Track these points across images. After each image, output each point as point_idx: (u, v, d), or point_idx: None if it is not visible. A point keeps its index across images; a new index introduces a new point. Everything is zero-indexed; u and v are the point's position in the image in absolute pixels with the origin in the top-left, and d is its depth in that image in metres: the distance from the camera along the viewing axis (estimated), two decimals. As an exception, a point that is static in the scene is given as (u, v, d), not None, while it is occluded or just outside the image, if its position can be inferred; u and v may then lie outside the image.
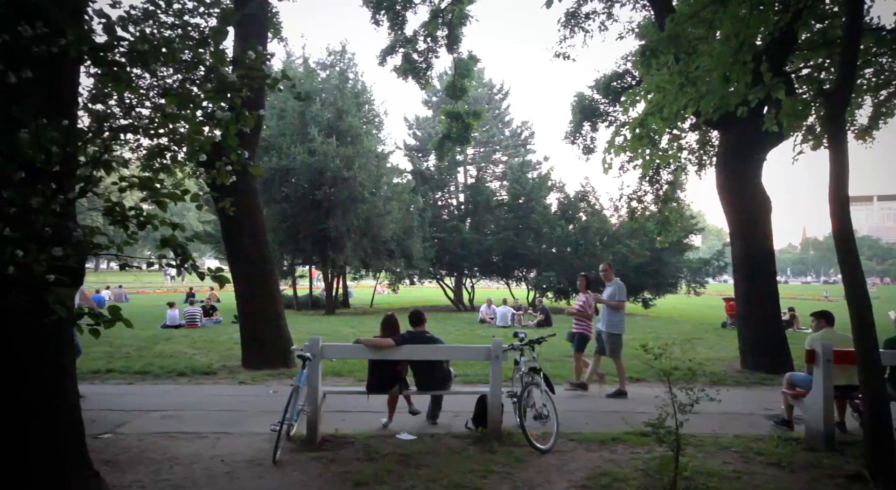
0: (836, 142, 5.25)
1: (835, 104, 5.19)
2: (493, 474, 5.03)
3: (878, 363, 5.01)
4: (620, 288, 8.56)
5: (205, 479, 4.91)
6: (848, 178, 5.36)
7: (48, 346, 3.55)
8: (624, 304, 8.58)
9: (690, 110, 7.64)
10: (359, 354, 6.33)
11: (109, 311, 2.98)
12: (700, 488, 4.60)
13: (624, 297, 8.58)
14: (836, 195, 5.14)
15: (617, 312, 8.48)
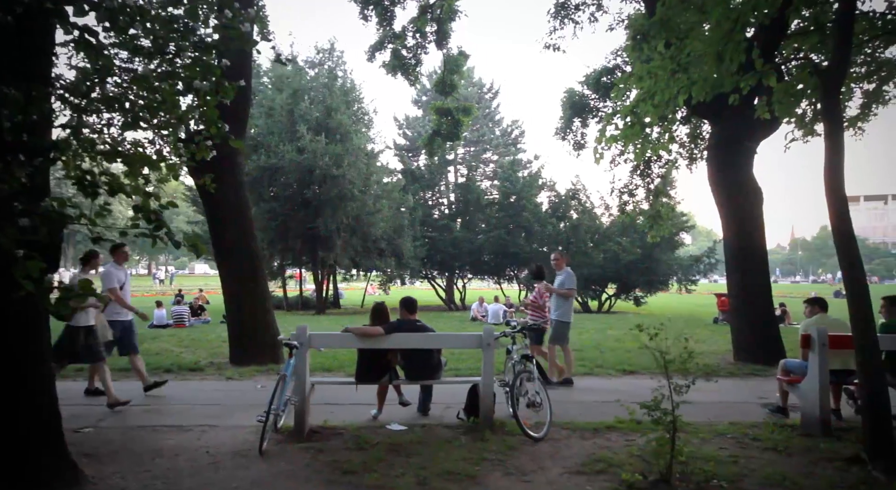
0: (832, 120, 5.19)
1: (830, 81, 5.12)
2: (485, 462, 4.91)
3: (876, 344, 4.94)
4: (569, 276, 8.44)
5: (188, 469, 4.76)
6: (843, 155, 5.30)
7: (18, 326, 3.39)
8: (573, 292, 8.44)
9: (682, 98, 7.57)
10: (347, 343, 6.19)
11: (80, 286, 2.83)
12: (696, 472, 4.51)
13: (572, 286, 8.45)
14: (832, 175, 5.07)
15: (565, 301, 8.38)
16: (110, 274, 7.36)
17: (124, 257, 7.69)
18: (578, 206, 27.91)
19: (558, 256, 8.80)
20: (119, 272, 7.48)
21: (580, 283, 26.47)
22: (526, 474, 4.65)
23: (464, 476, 4.55)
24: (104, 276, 7.33)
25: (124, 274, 7.58)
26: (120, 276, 7.44)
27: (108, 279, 7.29)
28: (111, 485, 4.38)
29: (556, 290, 8.43)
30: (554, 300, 8.52)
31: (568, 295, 8.34)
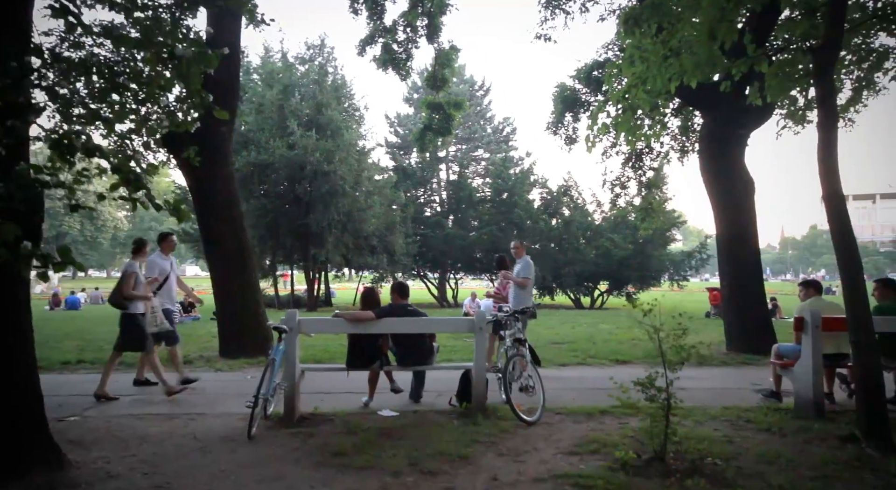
0: (825, 101, 5.16)
1: (823, 59, 5.10)
2: (477, 443, 4.85)
3: (870, 321, 4.91)
4: (527, 265, 8.32)
5: (175, 454, 4.66)
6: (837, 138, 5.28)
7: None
8: (529, 281, 8.27)
9: (674, 84, 7.54)
10: (338, 328, 6.11)
11: (59, 253, 2.74)
12: (691, 451, 4.46)
13: (529, 275, 8.28)
14: (825, 154, 5.04)
15: (523, 289, 8.25)
16: (153, 263, 7.26)
17: (171, 247, 7.60)
18: (570, 202, 27.92)
19: (517, 245, 8.68)
20: (164, 262, 7.38)
21: (573, 280, 26.66)
22: (519, 455, 4.59)
23: (456, 456, 4.49)
24: (147, 266, 7.25)
25: (169, 264, 7.48)
26: (164, 267, 7.35)
27: (150, 269, 7.23)
28: (95, 469, 4.28)
29: (514, 279, 8.32)
30: (512, 289, 8.42)
31: (524, 284, 8.21)
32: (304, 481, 4.04)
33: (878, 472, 4.15)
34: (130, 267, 6.92)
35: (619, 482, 3.86)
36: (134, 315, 6.81)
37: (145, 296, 6.87)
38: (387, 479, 4.04)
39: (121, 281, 6.88)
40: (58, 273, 2.79)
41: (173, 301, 7.69)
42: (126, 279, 6.82)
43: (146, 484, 3.98)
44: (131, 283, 6.79)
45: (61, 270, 2.76)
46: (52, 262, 2.76)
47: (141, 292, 6.85)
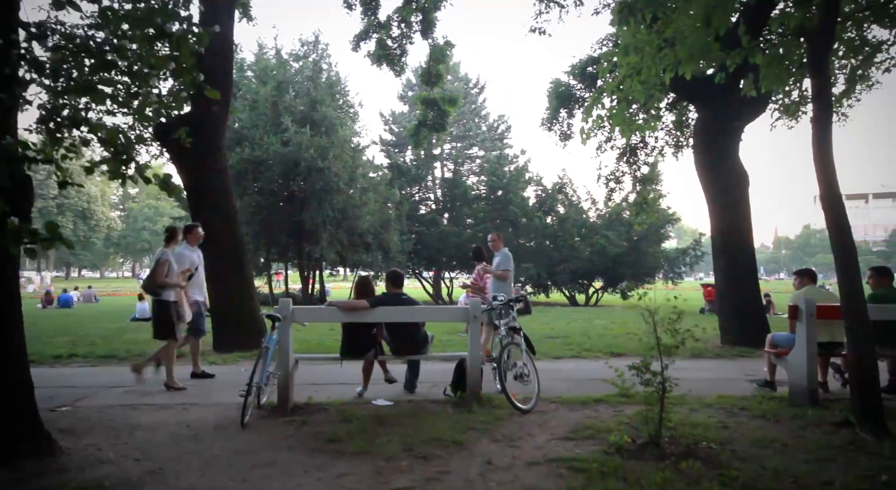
0: (821, 88, 5.16)
1: (818, 45, 5.10)
2: (472, 430, 4.83)
3: (864, 307, 4.91)
4: (506, 257, 8.31)
5: (167, 442, 4.63)
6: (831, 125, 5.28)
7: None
8: (508, 273, 8.24)
9: (668, 75, 7.54)
10: (331, 317, 6.08)
11: (47, 228, 2.70)
12: (686, 436, 4.46)
13: (508, 267, 8.26)
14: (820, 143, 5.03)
15: (502, 282, 8.21)
16: (182, 255, 7.25)
17: (197, 238, 7.57)
18: (565, 199, 27.93)
19: (495, 237, 8.67)
20: (192, 254, 7.35)
21: (567, 277, 26.66)
22: (514, 441, 4.57)
23: (450, 442, 4.47)
24: (178, 257, 7.21)
25: (197, 255, 7.47)
26: (192, 258, 7.32)
27: (180, 260, 7.18)
28: (86, 455, 4.24)
29: (492, 272, 8.32)
30: (491, 281, 8.40)
31: (503, 276, 8.18)
32: (298, 466, 4.01)
33: (872, 455, 4.15)
34: (163, 255, 6.92)
35: (613, 465, 3.85)
36: (166, 302, 6.78)
37: (178, 283, 6.88)
38: (381, 464, 4.02)
39: (154, 268, 6.89)
40: (47, 250, 2.75)
41: (203, 292, 7.70)
42: (159, 266, 6.82)
43: (138, 470, 3.94)
44: (164, 270, 6.79)
45: (49, 247, 2.73)
46: (41, 239, 2.73)
47: (174, 280, 6.84)
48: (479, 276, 8.67)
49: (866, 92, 12.34)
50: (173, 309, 6.78)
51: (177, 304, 6.81)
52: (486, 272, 8.53)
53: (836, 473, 3.77)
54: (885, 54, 8.89)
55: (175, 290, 6.85)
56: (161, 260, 6.86)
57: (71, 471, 3.88)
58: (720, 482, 3.55)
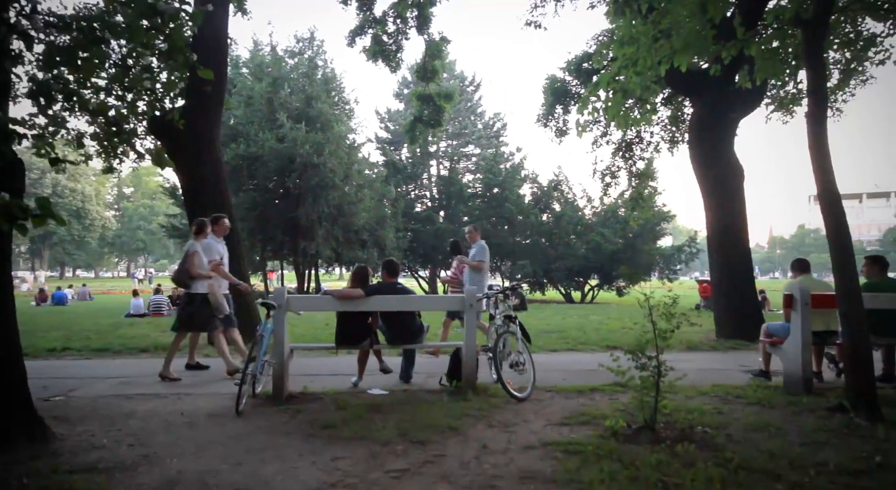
0: (816, 79, 5.17)
1: (813, 34, 5.11)
2: (467, 417, 4.82)
3: (858, 292, 4.93)
4: (482, 249, 8.30)
5: (161, 428, 4.60)
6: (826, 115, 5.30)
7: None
8: (483, 264, 8.23)
9: (664, 67, 7.55)
10: (327, 306, 6.06)
11: (38, 204, 2.67)
12: (681, 421, 4.46)
13: (483, 258, 8.25)
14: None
15: (477, 273, 8.21)
16: (210, 246, 7.20)
17: (223, 230, 7.55)
18: (561, 197, 27.94)
19: (472, 230, 8.68)
20: (219, 245, 7.32)
21: (563, 274, 26.67)
22: (509, 426, 4.57)
23: (446, 428, 4.46)
24: (205, 249, 7.16)
25: (223, 247, 7.44)
26: (219, 250, 7.29)
27: (208, 252, 7.14)
28: (80, 441, 4.21)
29: (468, 263, 8.30)
30: (467, 273, 8.40)
31: (478, 267, 8.16)
32: (293, 451, 4.00)
33: (866, 438, 4.17)
34: (192, 246, 6.91)
35: (609, 448, 3.85)
36: (196, 294, 6.76)
37: (209, 275, 6.87)
38: (376, 449, 4.01)
39: (184, 260, 6.90)
40: (37, 227, 2.73)
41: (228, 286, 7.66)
42: (189, 258, 6.80)
43: (131, 454, 3.92)
44: (195, 261, 6.78)
45: (41, 223, 2.70)
46: (32, 215, 2.70)
47: (205, 271, 6.83)
48: (457, 269, 8.65)
49: (861, 87, 12.41)
50: (203, 300, 6.76)
51: (207, 296, 6.79)
52: (462, 265, 8.51)
53: (831, 455, 3.78)
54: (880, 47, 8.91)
55: (206, 282, 6.83)
56: (190, 251, 6.85)
57: (64, 455, 3.86)
58: (715, 463, 3.55)
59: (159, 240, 76.87)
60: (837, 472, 3.48)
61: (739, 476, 3.37)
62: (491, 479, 3.42)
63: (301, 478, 3.48)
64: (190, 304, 6.83)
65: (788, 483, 3.28)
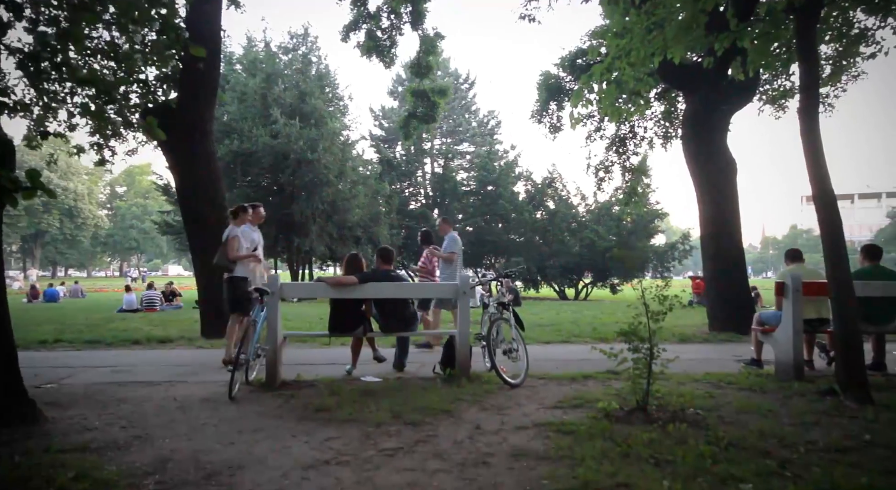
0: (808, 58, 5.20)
1: (805, 20, 5.14)
2: (461, 401, 4.83)
3: (849, 276, 4.96)
4: (453, 240, 8.32)
5: (154, 412, 4.59)
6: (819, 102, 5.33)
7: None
8: (455, 256, 8.21)
9: (657, 58, 7.58)
10: (320, 293, 6.06)
11: (27, 175, 2.66)
12: (673, 404, 4.48)
13: (454, 249, 8.24)
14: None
15: (449, 265, 8.21)
16: (246, 234, 7.19)
17: (259, 218, 7.55)
18: (555, 194, 28.01)
19: (442, 221, 8.74)
20: (253, 233, 7.32)
21: (557, 272, 26.75)
22: (502, 410, 4.58)
23: (439, 411, 4.47)
24: (241, 236, 7.15)
25: (258, 235, 7.44)
26: (254, 238, 7.29)
27: (245, 239, 7.14)
28: (72, 424, 4.20)
29: (440, 255, 8.33)
30: (440, 265, 8.42)
31: (450, 258, 8.17)
32: (286, 432, 3.99)
33: (855, 419, 4.20)
34: (232, 231, 6.98)
35: (601, 428, 3.87)
36: (238, 278, 6.76)
37: (251, 256, 6.92)
38: (369, 430, 4.01)
39: (224, 244, 6.95)
40: (27, 199, 2.71)
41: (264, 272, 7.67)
42: (230, 242, 6.87)
43: (124, 435, 3.91)
44: (235, 245, 6.83)
45: (31, 197, 2.69)
46: (22, 188, 2.69)
47: (244, 253, 6.88)
48: (427, 259, 8.65)
49: (853, 82, 12.50)
50: (243, 284, 6.75)
51: (247, 280, 6.77)
52: (433, 255, 8.52)
53: (820, 434, 3.80)
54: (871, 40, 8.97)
55: (248, 267, 6.86)
56: (231, 236, 6.93)
57: (56, 436, 3.85)
58: (706, 442, 3.57)
59: (152, 239, 76.55)
60: (826, 449, 3.50)
61: (730, 453, 3.39)
62: (483, 457, 3.43)
63: (294, 455, 3.48)
64: (233, 289, 6.82)
65: (778, 459, 3.30)
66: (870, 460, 3.31)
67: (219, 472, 3.19)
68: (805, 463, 3.26)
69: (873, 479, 2.92)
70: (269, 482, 3.05)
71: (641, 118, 13.91)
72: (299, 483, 3.04)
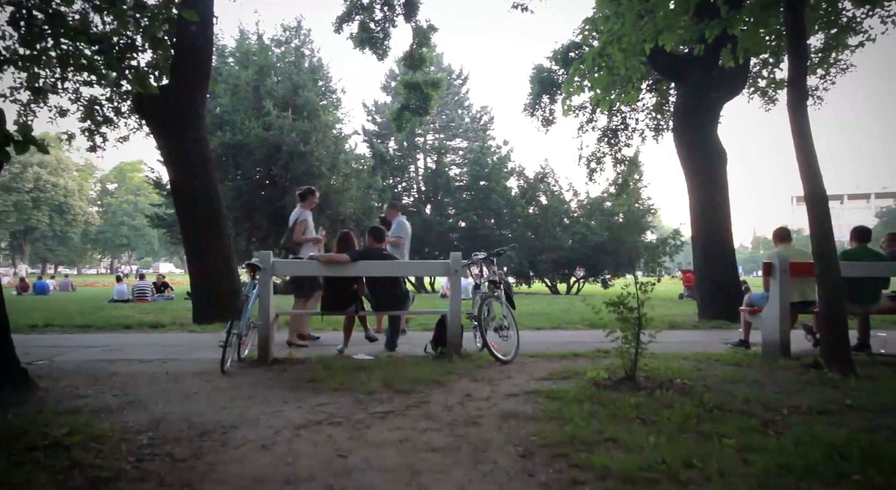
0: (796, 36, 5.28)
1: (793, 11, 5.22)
2: (452, 374, 4.88)
3: (834, 251, 5.05)
4: (400, 224, 8.34)
5: (146, 383, 4.61)
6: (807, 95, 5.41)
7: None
8: (402, 240, 8.20)
9: (648, 45, 7.65)
10: (312, 270, 6.09)
11: (20, 130, 2.68)
12: (661, 375, 4.55)
13: (401, 233, 8.26)
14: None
15: (396, 248, 8.13)
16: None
17: (313, 204, 7.65)
18: (547, 189, 28.09)
19: (389, 207, 8.80)
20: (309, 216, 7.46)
21: (549, 267, 26.83)
22: (493, 381, 4.63)
23: (431, 381, 4.52)
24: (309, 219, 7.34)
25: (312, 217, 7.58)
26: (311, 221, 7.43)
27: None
28: (64, 392, 4.22)
29: (389, 239, 8.06)
30: (389, 249, 8.45)
31: (396, 242, 8.15)
32: (278, 398, 4.03)
33: (838, 387, 4.28)
34: (301, 214, 7.15)
35: (589, 393, 3.93)
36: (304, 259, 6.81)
37: (318, 238, 7.08)
38: (361, 397, 4.05)
39: (293, 227, 7.09)
40: (19, 152, 2.73)
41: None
42: (299, 225, 7.04)
43: (116, 401, 3.93)
44: (303, 228, 6.99)
45: (23, 150, 2.71)
46: (14, 141, 2.71)
47: (313, 236, 7.03)
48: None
49: (841, 75, 12.64)
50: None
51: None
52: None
53: (803, 400, 3.88)
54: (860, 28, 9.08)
55: (313, 250, 6.93)
56: (300, 219, 7.09)
57: (49, 402, 3.86)
58: (692, 405, 3.63)
59: (143, 236, 76.09)
60: (808, 412, 3.58)
61: (714, 415, 3.46)
62: (473, 419, 3.48)
63: (286, 417, 3.51)
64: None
65: (761, 419, 3.37)
66: (850, 420, 3.38)
67: (211, 431, 3.22)
68: (787, 423, 3.33)
69: (853, 435, 2.99)
70: (262, 438, 3.09)
71: (633, 110, 13.99)
72: (291, 439, 3.08)
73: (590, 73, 7.94)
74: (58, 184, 67.38)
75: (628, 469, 2.50)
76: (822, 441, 2.87)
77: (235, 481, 2.48)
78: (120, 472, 2.53)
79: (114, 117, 10.88)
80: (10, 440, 2.86)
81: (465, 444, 3.01)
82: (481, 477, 2.55)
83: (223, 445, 2.97)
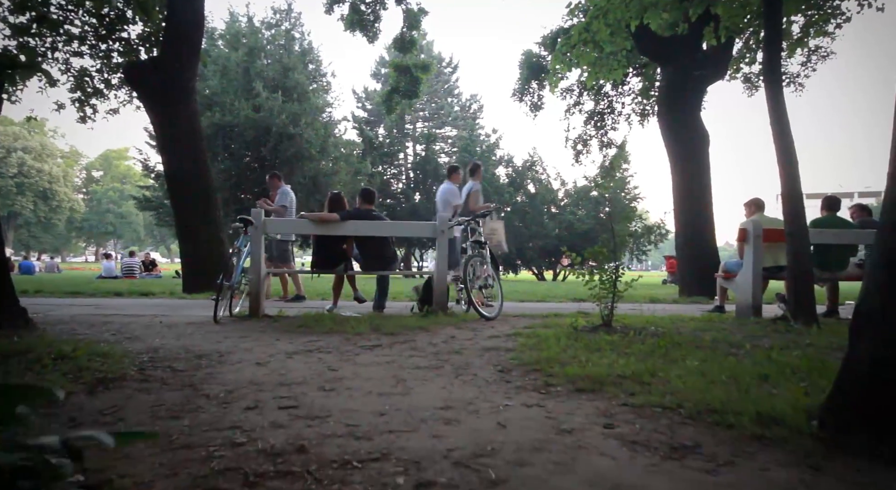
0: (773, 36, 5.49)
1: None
2: (437, 324, 5.07)
3: (802, 212, 5.28)
4: (283, 193, 8.46)
5: (142, 329, 4.76)
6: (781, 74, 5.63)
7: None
8: (284, 210, 8.22)
9: (633, 23, 7.87)
10: (302, 229, 6.25)
11: (24, 52, 2.81)
12: (637, 325, 4.77)
13: (284, 203, 8.33)
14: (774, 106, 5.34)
15: (280, 217, 8.09)
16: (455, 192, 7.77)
17: (458, 179, 8.09)
18: (535, 176, 28.34)
19: (271, 177, 8.95)
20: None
21: (536, 253, 27.13)
22: (476, 329, 4.84)
23: (417, 327, 4.72)
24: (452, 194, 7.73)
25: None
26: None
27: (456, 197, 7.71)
28: (62, 332, 4.36)
29: (273, 208, 8.26)
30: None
31: (280, 211, 8.17)
32: (270, 338, 4.21)
33: (801, 334, 4.53)
34: (475, 186, 7.81)
35: (567, 333, 4.15)
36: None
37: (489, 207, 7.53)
38: (350, 336, 4.24)
39: (467, 198, 7.66)
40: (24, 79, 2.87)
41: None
42: (473, 196, 7.68)
43: (114, 338, 4.09)
44: (477, 198, 7.67)
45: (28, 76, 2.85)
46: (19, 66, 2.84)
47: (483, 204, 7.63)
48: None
49: (822, 63, 12.94)
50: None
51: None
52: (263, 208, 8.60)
53: (767, 342, 4.12)
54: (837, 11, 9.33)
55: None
56: (473, 190, 7.72)
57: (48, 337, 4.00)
58: (663, 341, 3.86)
59: (129, 224, 75.44)
60: (770, 348, 3.81)
61: (682, 348, 3.68)
62: (457, 350, 3.68)
63: (279, 347, 3.70)
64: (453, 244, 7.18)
65: (724, 352, 3.60)
66: (807, 353, 3.62)
67: (208, 355, 3.40)
68: (748, 355, 3.56)
69: (807, 361, 3.22)
70: (256, 360, 3.27)
71: (619, 94, 14.22)
72: (285, 361, 3.27)
73: (576, 47, 8.14)
74: (42, 169, 66.53)
75: (599, 374, 2.72)
76: (777, 361, 3.11)
77: (233, 384, 2.67)
78: (125, 376, 2.71)
79: (104, 89, 10.94)
80: (19, 354, 3.02)
81: (448, 365, 3.21)
82: (462, 384, 2.75)
83: (220, 363, 3.16)
